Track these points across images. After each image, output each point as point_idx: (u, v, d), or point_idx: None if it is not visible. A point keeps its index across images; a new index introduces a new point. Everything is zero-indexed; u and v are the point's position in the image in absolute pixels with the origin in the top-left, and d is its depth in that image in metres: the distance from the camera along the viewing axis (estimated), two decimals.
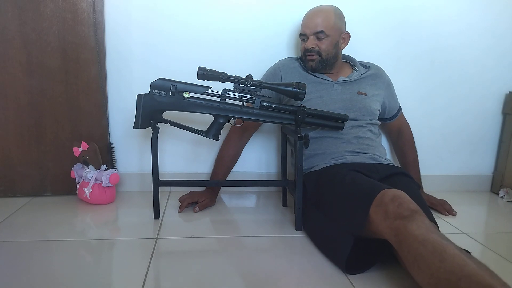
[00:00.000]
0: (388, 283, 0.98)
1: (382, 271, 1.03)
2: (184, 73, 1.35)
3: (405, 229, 0.86)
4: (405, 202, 0.92)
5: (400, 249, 0.87)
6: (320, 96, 1.39)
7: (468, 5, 1.69)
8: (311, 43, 1.37)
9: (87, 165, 1.45)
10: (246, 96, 1.24)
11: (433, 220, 1.05)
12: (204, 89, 1.22)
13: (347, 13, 1.43)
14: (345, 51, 1.48)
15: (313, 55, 1.38)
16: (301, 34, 1.41)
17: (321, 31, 1.35)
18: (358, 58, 1.53)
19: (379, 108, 1.46)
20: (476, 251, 1.20)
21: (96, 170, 1.45)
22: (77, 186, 1.47)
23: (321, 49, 1.37)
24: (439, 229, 1.02)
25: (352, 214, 1.03)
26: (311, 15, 1.38)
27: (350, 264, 1.01)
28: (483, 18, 1.72)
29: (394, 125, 1.61)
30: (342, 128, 1.33)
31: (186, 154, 1.66)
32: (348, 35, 1.44)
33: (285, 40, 1.61)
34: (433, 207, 1.53)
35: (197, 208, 1.42)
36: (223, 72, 1.19)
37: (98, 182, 1.43)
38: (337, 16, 1.38)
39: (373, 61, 1.56)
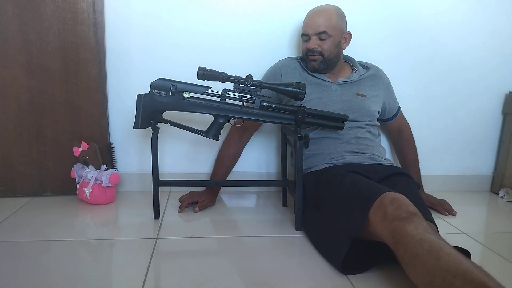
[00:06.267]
0: (388, 283, 0.98)
1: (382, 271, 1.03)
2: (184, 73, 1.35)
3: (402, 230, 0.87)
4: (404, 205, 0.92)
5: (397, 249, 0.87)
6: (320, 97, 1.39)
7: (469, 5, 1.70)
8: (314, 43, 1.36)
9: (87, 165, 1.45)
10: (246, 96, 1.24)
11: (432, 220, 1.05)
12: (204, 89, 1.22)
13: (349, 19, 1.43)
14: (347, 53, 1.48)
15: (315, 56, 1.37)
16: (303, 34, 1.40)
17: (324, 32, 1.35)
18: (358, 56, 1.52)
19: (379, 109, 1.46)
20: (476, 251, 1.20)
21: (96, 170, 1.45)
22: (77, 186, 1.47)
23: (323, 49, 1.36)
24: (438, 230, 1.02)
25: (351, 216, 1.03)
26: (313, 15, 1.38)
27: (347, 265, 1.01)
28: (483, 19, 1.72)
29: (394, 125, 1.61)
30: (342, 128, 1.33)
31: (186, 154, 1.66)
32: (349, 35, 1.44)
33: (286, 43, 1.61)
34: (433, 207, 1.53)
35: (197, 208, 1.42)
36: (223, 72, 1.19)
37: (98, 182, 1.43)
38: (339, 15, 1.38)
39: (372, 59, 1.56)
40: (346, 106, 1.38)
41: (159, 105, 1.22)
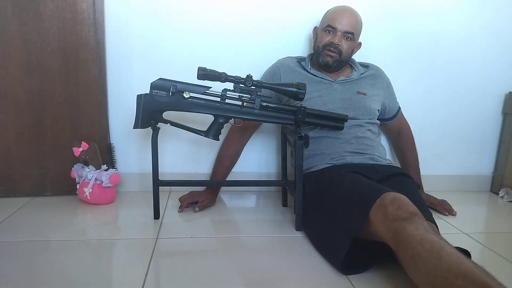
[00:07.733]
0: (388, 283, 0.98)
1: (382, 271, 1.03)
2: (184, 73, 1.34)
3: (403, 230, 0.87)
4: (404, 205, 0.92)
5: (398, 249, 0.87)
6: (320, 95, 1.39)
7: (469, 4, 1.70)
8: (339, 39, 1.36)
9: (87, 165, 1.45)
10: (246, 96, 1.24)
11: (433, 220, 1.05)
12: (204, 89, 1.22)
13: None
14: None
15: (334, 52, 1.37)
16: (329, 25, 1.37)
17: (352, 33, 1.36)
18: (358, 55, 1.52)
19: (379, 108, 1.46)
20: (476, 251, 1.20)
21: (96, 170, 1.45)
22: (77, 186, 1.47)
23: (343, 48, 1.37)
24: (438, 230, 1.02)
25: (351, 216, 1.03)
26: (345, 12, 1.37)
27: (347, 265, 1.01)
28: (483, 18, 1.72)
29: (394, 125, 1.61)
30: (342, 128, 1.33)
31: (186, 154, 1.66)
32: (360, 45, 1.46)
33: (287, 40, 1.61)
34: (433, 207, 1.53)
35: (197, 208, 1.42)
36: (223, 72, 1.19)
37: (98, 182, 1.43)
38: (361, 24, 1.41)
39: (373, 60, 1.56)
40: (346, 104, 1.38)
41: (159, 105, 1.22)
